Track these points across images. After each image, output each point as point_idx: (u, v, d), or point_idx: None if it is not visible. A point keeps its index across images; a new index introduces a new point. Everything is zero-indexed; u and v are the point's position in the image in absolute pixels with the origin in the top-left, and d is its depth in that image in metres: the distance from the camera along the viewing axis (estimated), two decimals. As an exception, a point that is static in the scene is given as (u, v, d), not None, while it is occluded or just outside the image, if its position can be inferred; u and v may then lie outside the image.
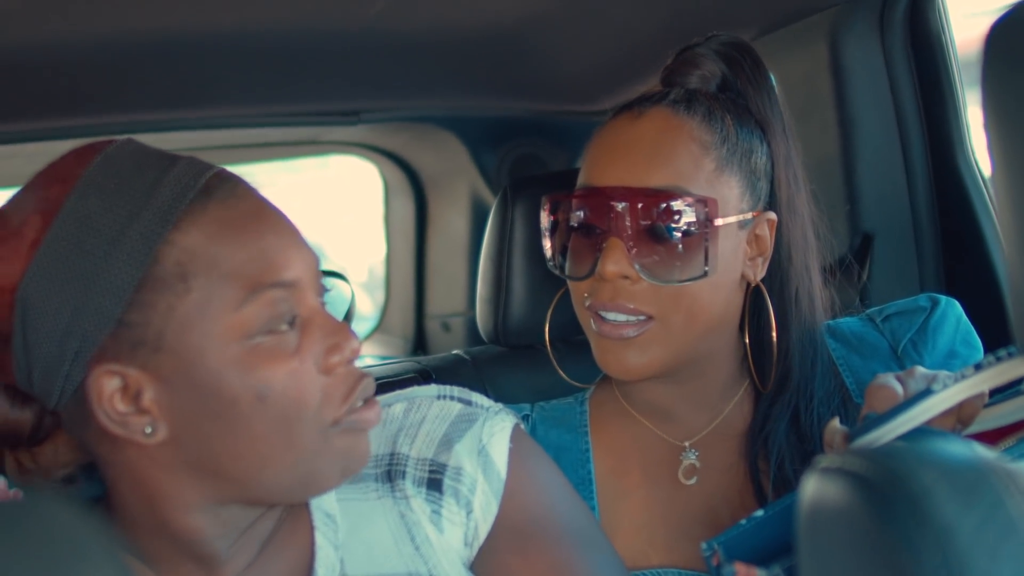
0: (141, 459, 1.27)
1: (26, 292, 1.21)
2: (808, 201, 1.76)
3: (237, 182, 1.27)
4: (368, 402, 1.29)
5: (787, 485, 1.68)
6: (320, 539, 1.38)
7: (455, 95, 2.88)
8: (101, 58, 2.32)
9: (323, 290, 1.30)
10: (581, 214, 1.71)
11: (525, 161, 3.05)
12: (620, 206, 1.65)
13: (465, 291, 3.22)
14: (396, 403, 1.47)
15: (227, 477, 1.26)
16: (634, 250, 1.65)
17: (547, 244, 1.79)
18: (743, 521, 1.45)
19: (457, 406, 1.45)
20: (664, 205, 1.64)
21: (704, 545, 1.41)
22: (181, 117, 2.72)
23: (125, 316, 1.21)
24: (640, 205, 1.64)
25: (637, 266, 1.64)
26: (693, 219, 1.64)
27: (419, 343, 3.46)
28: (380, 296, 3.62)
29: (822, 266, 1.78)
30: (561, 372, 1.84)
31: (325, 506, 1.39)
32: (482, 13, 2.36)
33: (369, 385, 1.29)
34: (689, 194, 1.64)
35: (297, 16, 2.22)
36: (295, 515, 1.38)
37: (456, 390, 1.49)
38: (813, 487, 1.04)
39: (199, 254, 1.22)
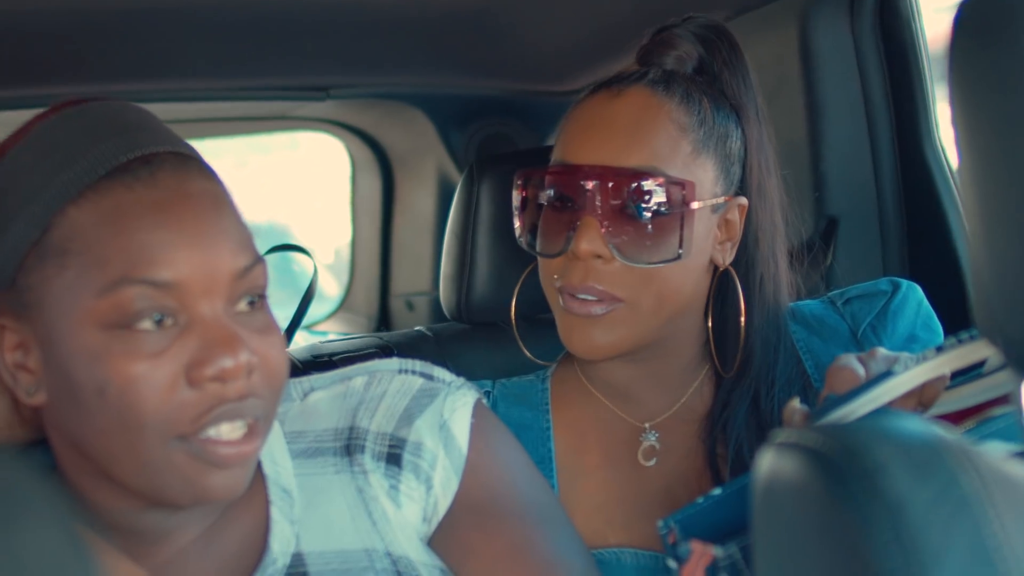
0: (47, 423, 1.30)
1: None
2: (778, 187, 1.76)
3: (166, 168, 1.23)
4: (234, 436, 1.23)
5: (745, 469, 1.68)
6: (276, 513, 1.36)
7: (424, 73, 2.87)
8: (68, 27, 2.30)
9: (239, 298, 1.25)
10: (555, 191, 1.70)
11: (493, 140, 3.04)
12: (596, 185, 1.64)
13: (430, 270, 3.21)
14: (356, 376, 1.45)
15: (95, 462, 1.26)
16: (608, 230, 1.64)
17: (518, 220, 1.78)
18: (700, 499, 1.45)
19: (419, 380, 1.44)
20: (641, 185, 1.63)
21: (660, 523, 1.42)
22: (149, 89, 2.70)
23: (17, 276, 1.23)
24: (616, 185, 1.64)
25: (611, 246, 1.64)
26: (669, 201, 1.64)
27: (383, 321, 3.45)
28: (346, 275, 3.61)
29: (788, 251, 1.78)
30: (524, 349, 1.84)
31: (282, 480, 1.38)
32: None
33: (235, 412, 1.23)
34: (666, 176, 1.64)
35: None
36: (252, 491, 1.36)
37: (418, 364, 1.47)
38: (769, 462, 1.04)
39: (83, 233, 1.21)
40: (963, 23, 1.01)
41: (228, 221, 1.25)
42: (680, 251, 1.65)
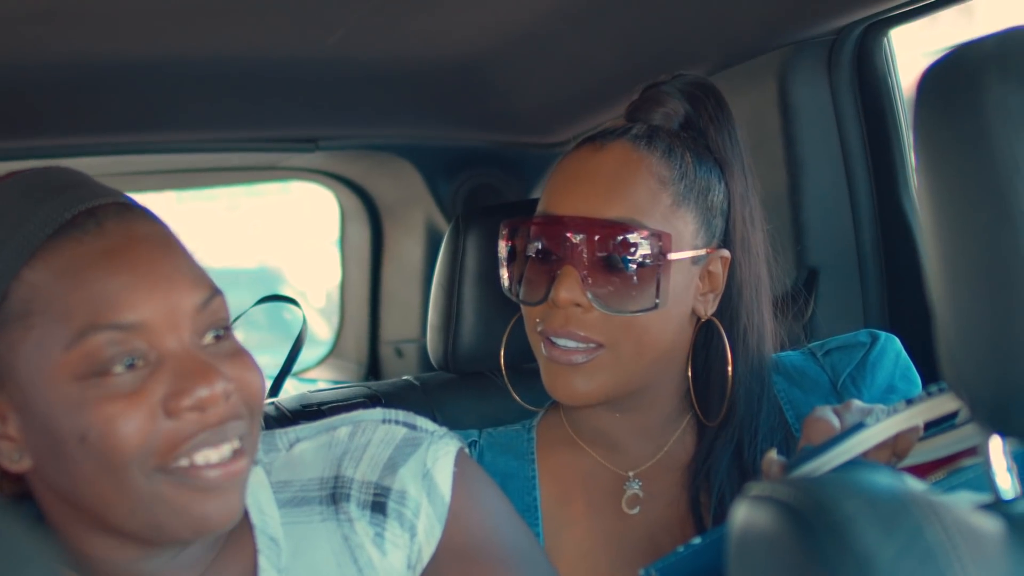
0: (34, 484, 1.31)
1: None
2: (764, 240, 1.79)
3: (111, 216, 1.26)
4: (222, 457, 1.25)
5: (727, 517, 1.70)
6: (263, 562, 1.38)
7: (412, 124, 2.90)
8: (62, 80, 2.33)
9: (204, 331, 1.27)
10: (538, 242, 1.73)
11: (481, 191, 3.08)
12: (576, 235, 1.68)
13: (419, 317, 3.23)
14: (341, 426, 1.47)
15: (89, 513, 1.27)
16: (588, 279, 1.67)
17: (503, 269, 1.81)
18: (680, 548, 1.47)
19: (402, 430, 1.46)
20: (619, 237, 1.67)
21: (641, 572, 1.44)
22: (141, 141, 2.73)
23: None
24: (596, 235, 1.67)
25: (590, 295, 1.67)
26: (647, 252, 1.67)
27: (373, 368, 3.46)
28: (336, 321, 3.63)
29: (771, 301, 1.81)
30: (515, 395, 1.86)
31: (269, 529, 1.40)
32: (439, 46, 2.38)
33: (217, 437, 1.25)
34: (645, 227, 1.67)
35: (257, 43, 2.23)
36: (237, 538, 1.38)
37: (401, 414, 1.49)
38: (743, 514, 1.07)
39: (42, 292, 1.22)
40: (927, 87, 1.05)
41: (180, 259, 1.28)
42: (657, 300, 1.68)
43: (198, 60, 2.31)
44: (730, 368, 1.74)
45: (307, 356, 3.61)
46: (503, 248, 1.81)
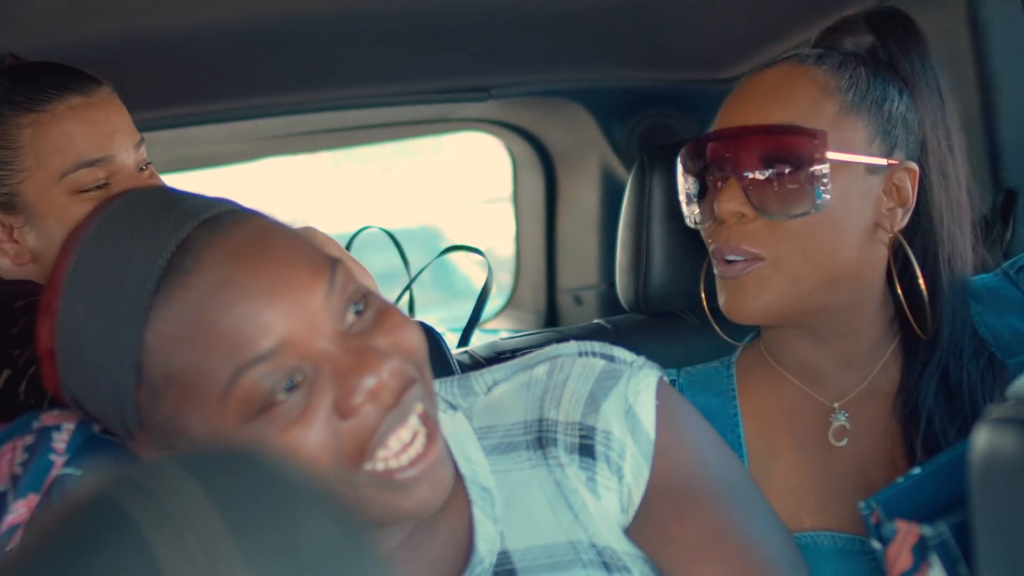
0: None
1: (67, 394, 1.24)
2: (963, 162, 1.74)
3: (202, 244, 1.17)
4: (414, 453, 1.21)
5: (937, 445, 1.67)
6: (478, 513, 1.35)
7: (585, 67, 2.87)
8: (232, 43, 2.35)
9: (343, 313, 1.20)
10: (703, 162, 1.74)
11: (655, 131, 3.04)
12: (736, 146, 1.67)
13: (597, 264, 3.22)
14: (538, 364, 1.43)
15: None
16: (749, 188, 1.66)
17: (683, 202, 1.81)
18: (900, 479, 1.43)
19: (600, 363, 1.42)
20: (775, 140, 1.66)
21: (862, 504, 1.40)
22: (313, 99, 2.75)
23: (143, 419, 1.20)
24: (751, 142, 1.67)
25: (751, 203, 1.66)
26: (806, 154, 1.64)
27: (551, 317, 3.46)
28: (508, 273, 3.63)
29: (973, 227, 1.76)
30: (719, 330, 1.84)
31: (479, 479, 1.37)
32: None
33: (401, 415, 1.20)
34: (801, 129, 1.65)
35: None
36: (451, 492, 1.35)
37: (597, 346, 1.45)
38: (985, 438, 1.03)
39: (174, 351, 1.15)
40: None
41: (287, 253, 1.20)
42: (819, 203, 1.64)
43: (370, 13, 2.31)
44: (924, 288, 1.70)
45: (496, 308, 3.63)
46: (680, 180, 1.81)
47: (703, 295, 1.87)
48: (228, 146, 3.22)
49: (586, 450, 1.37)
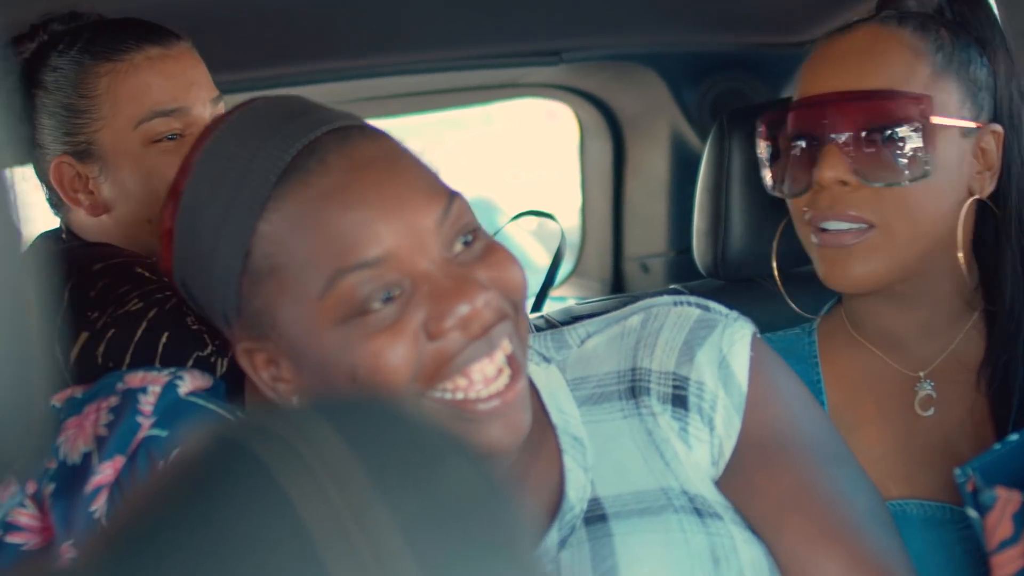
0: None
1: (177, 275, 1.30)
2: None
3: (331, 149, 1.22)
4: (498, 386, 1.23)
5: None
6: (569, 462, 1.35)
7: (657, 31, 2.84)
8: (303, 5, 2.33)
9: (452, 241, 1.23)
10: (795, 128, 1.70)
11: (727, 96, 3.00)
12: (834, 111, 1.64)
13: (665, 231, 3.19)
14: (633, 315, 1.44)
15: None
16: (851, 154, 1.63)
17: (765, 169, 1.78)
18: (997, 445, 1.40)
19: (695, 311, 1.42)
20: (878, 106, 1.62)
21: (958, 471, 1.37)
22: (382, 63, 2.73)
23: (241, 305, 1.25)
24: (853, 108, 1.63)
25: (854, 170, 1.62)
26: (909, 118, 1.62)
27: (616, 285, 3.43)
28: (575, 239, 3.60)
29: None
30: (790, 301, 1.81)
31: (571, 429, 1.37)
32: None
33: (486, 347, 1.22)
34: (904, 94, 1.62)
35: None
36: (541, 441, 1.36)
37: (692, 297, 1.45)
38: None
39: (283, 244, 1.20)
40: None
41: (409, 174, 1.24)
42: (927, 168, 1.62)
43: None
44: (1008, 252, 1.67)
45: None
46: (762, 147, 1.78)
47: (775, 264, 1.85)
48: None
49: (679, 400, 1.37)
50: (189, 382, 1.40)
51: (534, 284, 2.48)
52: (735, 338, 1.40)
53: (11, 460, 0.59)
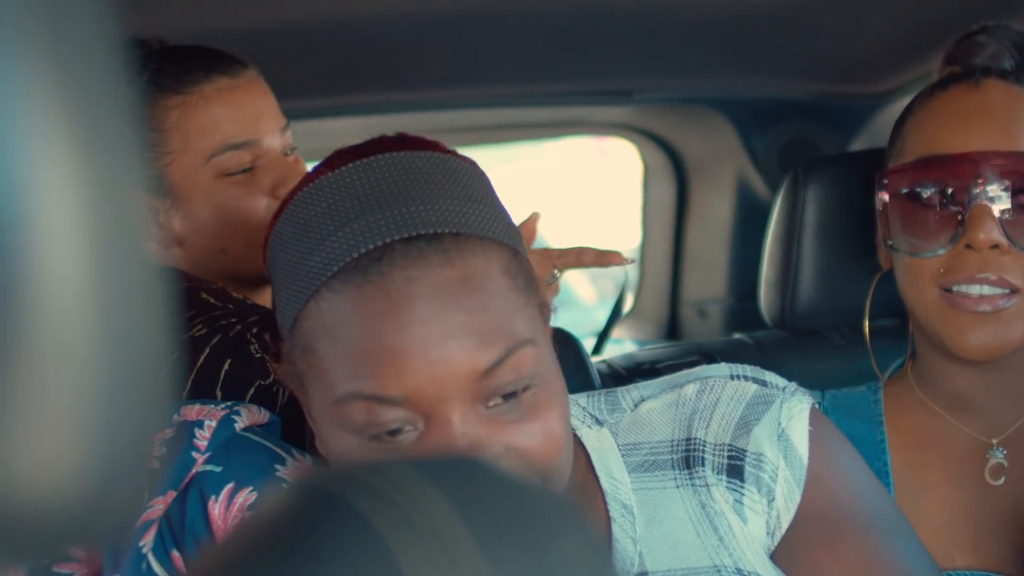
0: None
1: (268, 256, 1.27)
2: None
3: (396, 259, 1.13)
4: None
5: None
6: (617, 531, 1.32)
7: (728, 75, 2.82)
8: (376, 35, 2.33)
9: (489, 398, 1.14)
10: (935, 184, 1.64)
11: (796, 144, 2.97)
12: (987, 171, 1.59)
13: (724, 277, 3.16)
14: (688, 384, 1.39)
15: None
16: (1004, 216, 1.59)
17: (884, 222, 1.72)
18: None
19: (752, 387, 1.38)
20: None
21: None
22: (453, 96, 2.73)
23: (288, 351, 1.21)
24: (1006, 169, 1.59)
25: (1005, 233, 1.59)
26: None
27: (672, 329, 3.41)
28: (632, 280, 3.58)
29: None
30: (873, 359, 1.78)
31: (621, 496, 1.34)
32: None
33: None
34: None
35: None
36: (590, 507, 1.33)
37: (748, 369, 1.41)
38: None
39: (319, 335, 1.15)
40: None
41: (466, 315, 1.13)
42: None
43: (517, 13, 2.29)
44: None
45: (600, 317, 3.58)
46: (882, 199, 1.71)
47: (867, 319, 1.80)
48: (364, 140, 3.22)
49: (735, 471, 1.33)
50: (246, 417, 1.37)
51: (588, 323, 2.46)
52: (793, 412, 1.36)
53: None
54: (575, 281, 4.96)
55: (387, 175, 1.19)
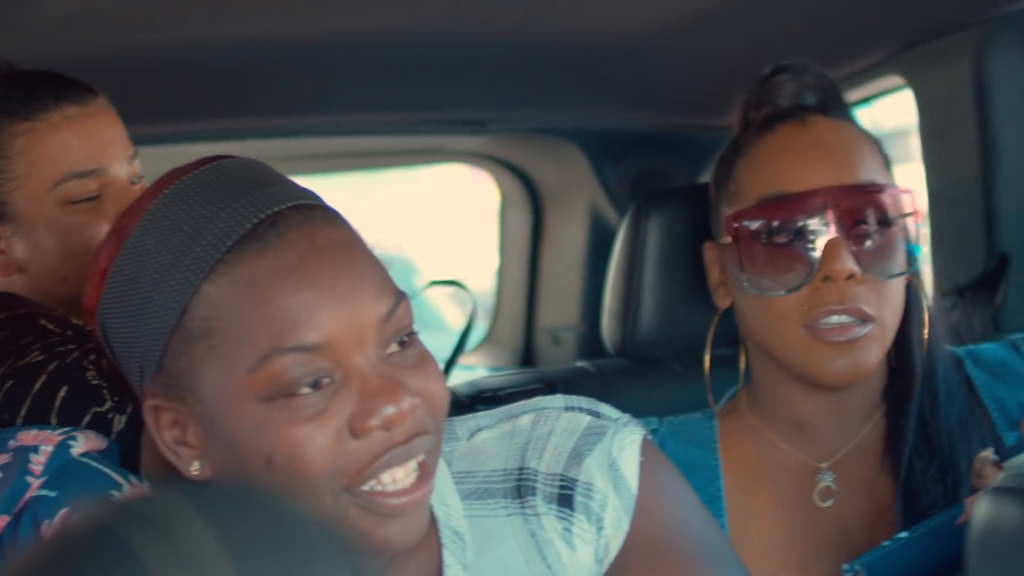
0: None
1: (101, 316, 1.26)
2: None
3: (292, 225, 1.20)
4: (406, 483, 1.21)
5: (917, 505, 1.66)
6: (448, 558, 1.34)
7: (582, 107, 2.86)
8: (229, 62, 2.33)
9: (389, 341, 1.21)
10: (788, 223, 1.67)
11: (647, 175, 3.02)
12: (834, 205, 1.64)
13: (578, 305, 3.20)
14: (523, 414, 1.41)
15: None
16: (853, 248, 1.64)
17: (726, 264, 1.75)
18: (886, 543, 1.42)
19: (586, 418, 1.40)
20: (877, 199, 1.66)
21: (846, 567, 1.39)
22: (307, 123, 2.74)
23: (164, 360, 1.21)
24: (853, 201, 1.65)
25: (859, 263, 1.64)
26: (903, 212, 1.67)
27: (527, 356, 3.44)
28: (483, 308, 3.60)
29: (958, 289, 1.76)
30: (708, 389, 1.82)
31: (453, 523, 1.36)
32: (612, 25, 2.34)
33: (404, 455, 1.20)
34: (897, 187, 1.68)
35: (433, 23, 2.22)
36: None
37: (584, 401, 1.43)
38: (986, 508, 1.01)
39: (223, 311, 1.18)
40: None
41: (363, 267, 1.22)
42: (913, 258, 1.68)
43: (370, 40, 2.31)
44: (925, 331, 1.73)
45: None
46: (727, 242, 1.74)
47: (708, 349, 1.84)
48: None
49: (565, 500, 1.35)
50: (83, 443, 1.37)
51: (445, 348, 2.48)
52: (625, 443, 1.38)
53: None
54: (444, 307, 4.95)
55: (242, 170, 1.26)
